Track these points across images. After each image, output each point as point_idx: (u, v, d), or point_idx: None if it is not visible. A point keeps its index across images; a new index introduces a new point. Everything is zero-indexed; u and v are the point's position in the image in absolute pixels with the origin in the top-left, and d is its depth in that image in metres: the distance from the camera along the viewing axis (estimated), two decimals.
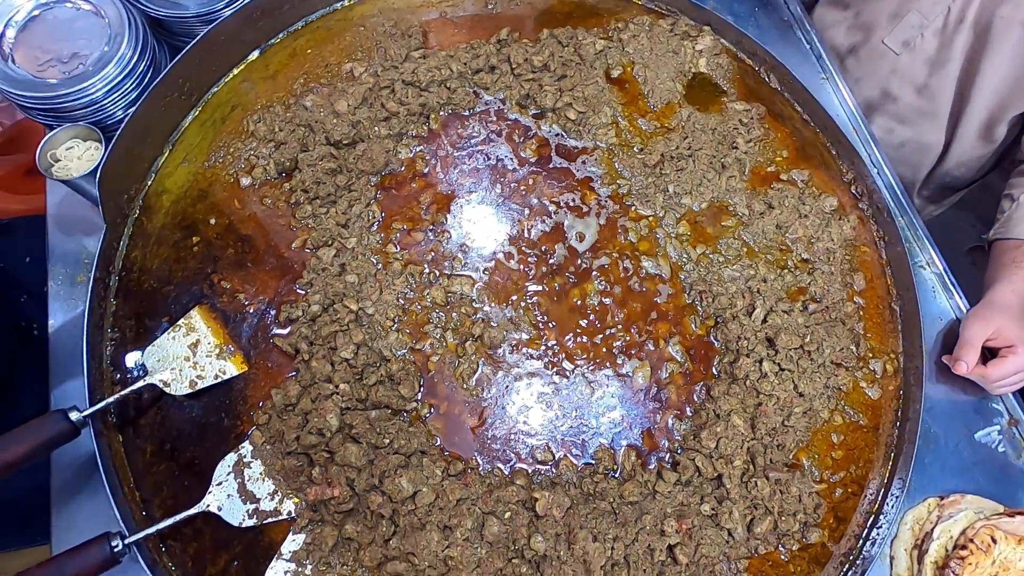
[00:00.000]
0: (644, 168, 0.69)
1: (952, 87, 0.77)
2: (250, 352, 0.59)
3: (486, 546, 0.53)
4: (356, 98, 0.68)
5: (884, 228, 0.70)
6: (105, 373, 0.57)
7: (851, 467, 0.61)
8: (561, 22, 0.76)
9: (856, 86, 0.82)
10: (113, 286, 0.61)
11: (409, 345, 0.60)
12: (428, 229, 0.65)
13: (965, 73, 0.76)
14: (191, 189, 0.66)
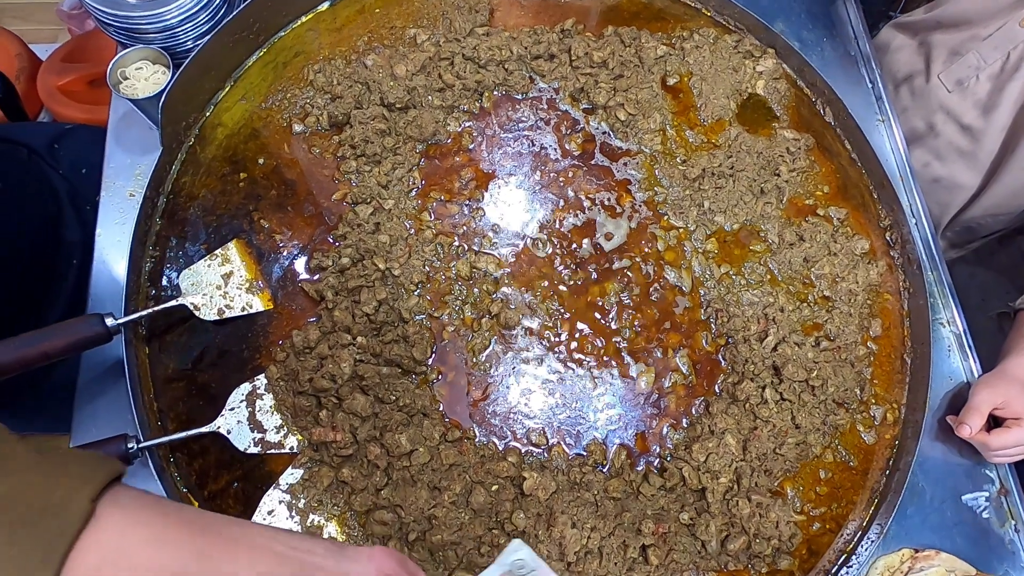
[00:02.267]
0: (684, 180, 0.70)
1: (999, 134, 0.76)
2: (278, 292, 0.62)
3: (470, 512, 0.55)
4: (415, 64, 0.70)
5: (911, 279, 0.70)
6: (142, 287, 0.61)
7: (833, 504, 0.62)
8: (627, 21, 0.77)
9: (903, 115, 0.82)
10: (160, 206, 0.64)
11: (428, 311, 0.62)
12: (464, 204, 0.67)
13: (1015, 123, 0.75)
14: (245, 127, 0.68)
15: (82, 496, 0.32)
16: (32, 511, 0.31)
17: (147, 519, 0.34)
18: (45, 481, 0.32)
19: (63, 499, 0.32)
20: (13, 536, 0.30)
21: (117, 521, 0.33)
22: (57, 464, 0.33)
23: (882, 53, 0.87)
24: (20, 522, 0.30)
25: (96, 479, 0.33)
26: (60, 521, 0.31)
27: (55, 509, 0.31)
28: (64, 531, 0.31)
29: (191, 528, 0.34)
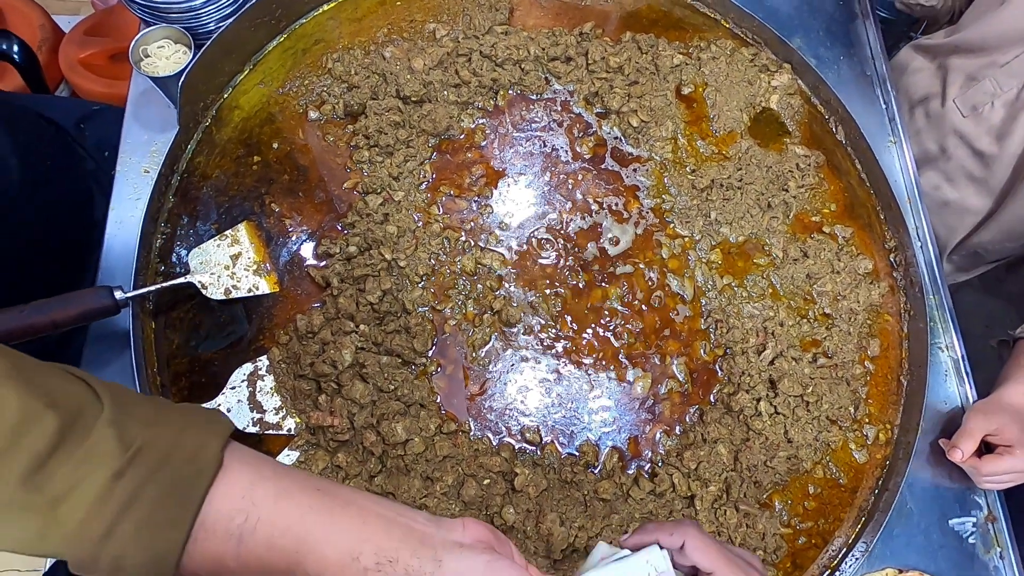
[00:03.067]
0: (692, 189, 0.70)
1: (1011, 161, 0.77)
2: (284, 275, 0.63)
3: (460, 504, 0.56)
4: (433, 59, 0.70)
5: (912, 302, 0.70)
6: (151, 263, 0.61)
7: (820, 520, 0.63)
8: (645, 28, 0.77)
9: (916, 136, 0.82)
10: (174, 184, 0.65)
11: (431, 304, 0.63)
12: (473, 200, 0.67)
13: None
14: (262, 111, 0.69)
15: (212, 446, 0.34)
16: (168, 460, 0.33)
17: (270, 474, 0.36)
18: (176, 433, 0.34)
19: (195, 449, 0.34)
20: (153, 482, 0.32)
21: (245, 474, 0.35)
22: (182, 417, 0.35)
23: (900, 73, 0.87)
24: (158, 469, 0.32)
25: (221, 432, 0.35)
26: (195, 468, 0.33)
27: (189, 458, 0.33)
28: (199, 478, 0.33)
29: (309, 487, 0.36)
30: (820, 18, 0.82)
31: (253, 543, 0.34)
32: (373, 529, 0.36)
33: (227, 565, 0.34)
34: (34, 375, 0.33)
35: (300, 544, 0.35)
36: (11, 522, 0.31)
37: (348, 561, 0.35)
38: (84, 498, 0.31)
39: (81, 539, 0.32)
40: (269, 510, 0.35)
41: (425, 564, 0.35)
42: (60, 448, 0.31)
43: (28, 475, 0.31)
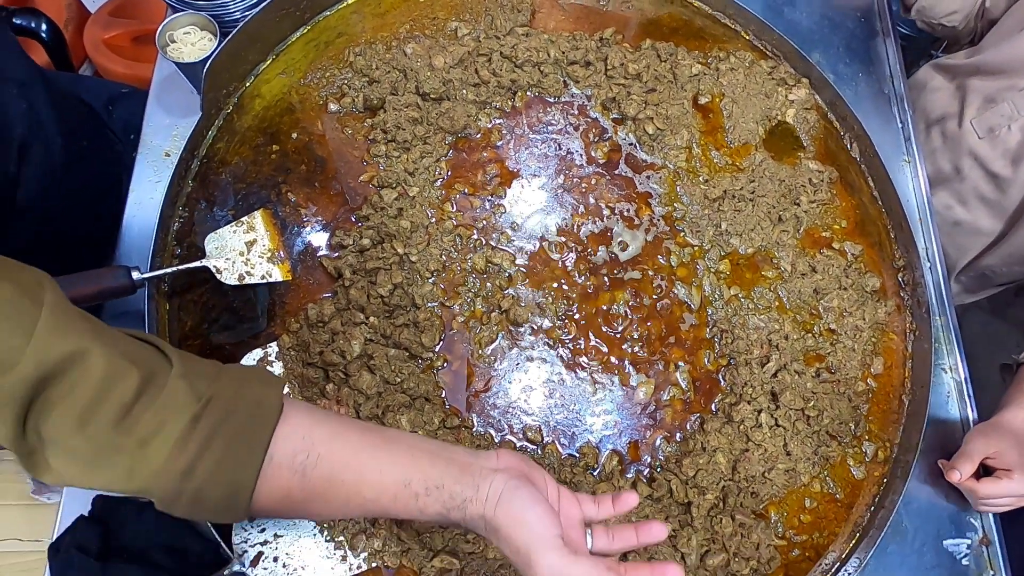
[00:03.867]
0: (704, 199, 0.71)
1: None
2: (297, 264, 0.64)
3: None
4: (454, 57, 0.71)
5: (919, 322, 0.70)
6: (168, 246, 0.62)
7: (815, 533, 0.63)
8: (666, 36, 0.77)
9: (931, 156, 0.82)
10: (194, 169, 0.66)
11: (440, 300, 0.63)
12: (486, 199, 0.68)
13: None
14: (282, 100, 0.70)
15: (272, 396, 0.39)
16: (235, 408, 0.37)
17: (323, 419, 0.41)
18: (237, 386, 0.38)
19: (257, 398, 0.38)
20: (225, 426, 0.37)
21: (303, 418, 0.40)
22: (240, 373, 0.40)
23: (918, 91, 0.87)
24: (228, 416, 0.37)
25: (276, 384, 0.40)
26: (259, 414, 0.38)
27: (253, 406, 0.38)
28: (264, 422, 0.38)
29: (358, 428, 0.41)
30: (840, 34, 0.82)
31: (316, 476, 0.39)
32: (420, 461, 0.40)
33: (294, 497, 0.39)
34: (112, 337, 0.37)
35: (357, 475, 0.39)
36: (105, 463, 0.35)
37: (400, 488, 0.40)
38: (167, 440, 0.35)
39: (166, 475, 0.36)
40: (327, 448, 0.39)
41: (466, 489, 0.40)
42: (142, 398, 0.35)
43: (118, 420, 0.35)
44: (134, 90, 0.84)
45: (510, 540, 0.39)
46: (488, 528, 0.40)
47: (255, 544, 0.53)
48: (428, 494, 0.40)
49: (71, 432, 0.34)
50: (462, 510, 0.40)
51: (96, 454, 0.35)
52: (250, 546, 0.53)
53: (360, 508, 0.41)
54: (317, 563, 0.54)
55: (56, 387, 0.34)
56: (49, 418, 0.34)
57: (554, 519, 0.39)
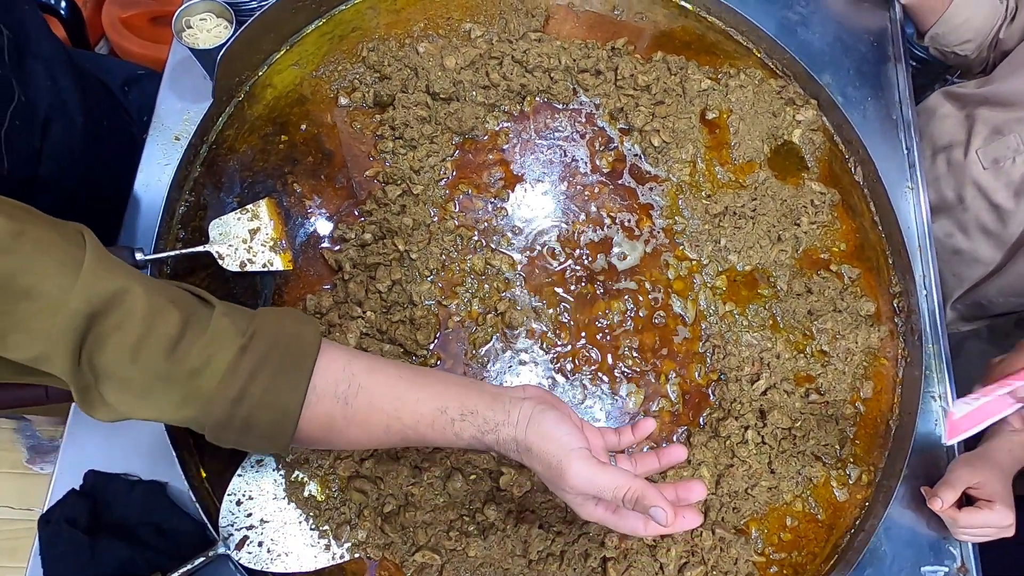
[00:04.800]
0: (705, 214, 0.71)
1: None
2: (299, 255, 0.64)
3: (445, 496, 0.57)
4: (466, 59, 0.71)
5: (911, 349, 0.71)
6: (172, 229, 0.63)
7: (794, 552, 0.64)
8: (678, 50, 0.78)
9: (935, 183, 0.83)
10: (203, 154, 0.66)
11: (438, 299, 0.64)
12: (489, 201, 0.69)
13: None
14: (294, 91, 0.71)
15: (311, 331, 0.41)
16: (277, 341, 0.40)
17: (359, 354, 0.44)
18: (277, 324, 0.41)
19: (297, 334, 0.41)
20: (271, 355, 0.39)
21: (341, 353, 0.42)
22: (278, 314, 0.42)
23: (928, 117, 0.88)
24: (272, 348, 0.39)
25: (313, 322, 0.43)
26: (301, 347, 0.40)
27: (294, 340, 0.40)
28: (306, 354, 0.40)
29: (393, 363, 0.44)
30: (852, 57, 0.82)
31: (357, 404, 0.41)
32: (453, 390, 0.44)
33: (336, 424, 0.41)
34: (151, 280, 0.39)
35: (396, 403, 0.42)
36: (158, 393, 0.38)
37: (437, 414, 0.42)
38: (218, 368, 0.38)
39: (218, 402, 0.38)
40: (366, 378, 0.42)
41: (498, 414, 0.43)
42: (187, 334, 0.38)
43: (168, 352, 0.37)
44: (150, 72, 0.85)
45: (542, 455, 0.41)
46: (520, 448, 0.42)
47: (241, 528, 0.54)
48: (463, 419, 0.42)
49: (125, 364, 0.36)
50: (495, 433, 0.42)
51: (149, 384, 0.37)
52: (236, 530, 0.54)
53: (399, 435, 0.43)
54: (301, 550, 0.55)
55: (106, 322, 0.36)
56: (103, 352, 0.36)
57: (581, 435, 0.42)
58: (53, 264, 0.35)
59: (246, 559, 0.53)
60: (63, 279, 0.35)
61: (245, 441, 0.40)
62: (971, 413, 0.42)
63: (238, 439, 0.40)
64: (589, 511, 0.43)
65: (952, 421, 0.43)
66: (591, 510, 0.43)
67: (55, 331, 0.35)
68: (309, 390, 0.40)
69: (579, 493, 0.42)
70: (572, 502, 0.43)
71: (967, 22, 0.84)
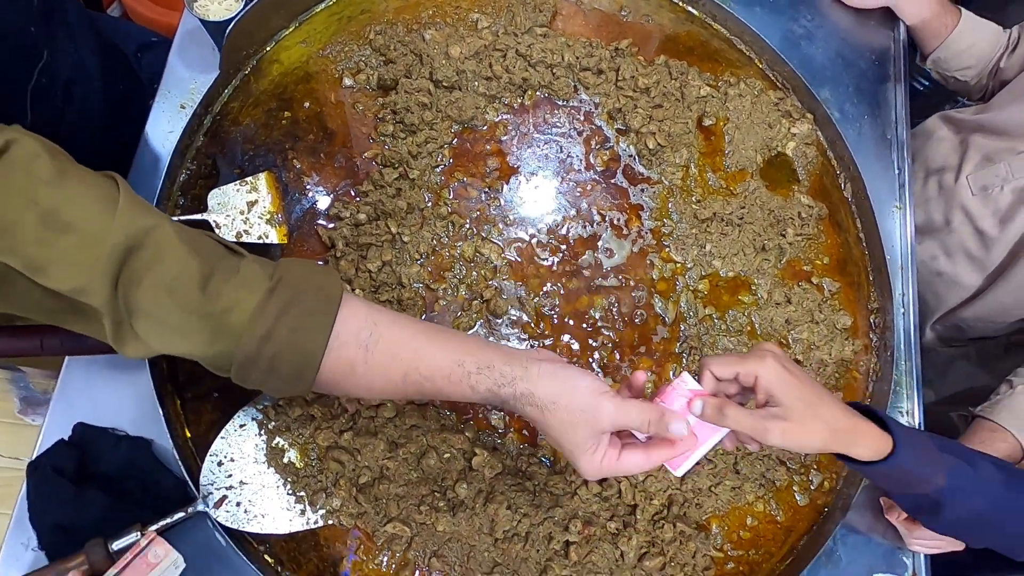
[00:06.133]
0: (693, 219, 0.73)
1: (1008, 245, 0.78)
2: (294, 230, 0.66)
3: (419, 472, 0.60)
4: (470, 49, 0.72)
5: (883, 364, 0.73)
6: (172, 195, 0.65)
7: (751, 550, 0.66)
8: (680, 54, 0.79)
9: (925, 204, 0.84)
10: (206, 124, 0.68)
11: (426, 282, 0.66)
12: (483, 190, 0.70)
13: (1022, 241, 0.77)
14: (300, 69, 0.72)
15: (335, 282, 0.43)
16: (304, 288, 0.41)
17: (382, 308, 0.45)
18: (302, 273, 0.42)
19: (321, 283, 0.42)
20: (297, 299, 0.41)
21: (363, 304, 0.44)
22: (302, 264, 0.43)
23: (924, 139, 0.89)
24: (298, 293, 0.41)
25: (336, 274, 0.44)
26: (325, 294, 0.42)
27: (318, 288, 0.42)
28: (331, 300, 0.42)
29: (412, 319, 0.46)
30: (852, 74, 0.83)
31: (378, 352, 0.42)
32: (470, 345, 0.45)
33: (356, 370, 0.43)
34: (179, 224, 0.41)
35: (415, 354, 0.43)
36: (191, 328, 0.39)
37: (454, 367, 0.44)
38: (247, 307, 0.39)
39: (247, 339, 0.40)
40: (388, 329, 0.43)
41: (515, 369, 0.44)
42: (216, 273, 0.40)
43: (201, 288, 0.39)
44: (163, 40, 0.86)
45: (569, 406, 0.43)
46: (540, 402, 0.43)
47: (221, 488, 0.56)
48: (480, 372, 0.43)
49: (162, 298, 0.38)
50: (512, 387, 0.43)
51: (183, 320, 0.39)
52: (216, 489, 0.56)
53: (415, 386, 0.44)
54: (277, 513, 0.57)
55: (141, 257, 0.38)
56: (140, 287, 0.38)
57: (601, 381, 0.44)
58: (93, 202, 0.37)
59: (224, 517, 0.55)
60: (102, 216, 0.37)
61: (269, 381, 0.41)
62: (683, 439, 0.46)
63: (263, 378, 0.41)
64: (597, 463, 0.44)
65: None
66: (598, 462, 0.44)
67: (95, 264, 0.37)
68: (332, 335, 0.41)
69: (612, 429, 0.43)
70: (584, 454, 0.43)
71: (969, 48, 0.84)
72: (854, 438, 0.47)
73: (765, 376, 0.45)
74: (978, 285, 0.83)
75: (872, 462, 0.48)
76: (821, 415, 0.45)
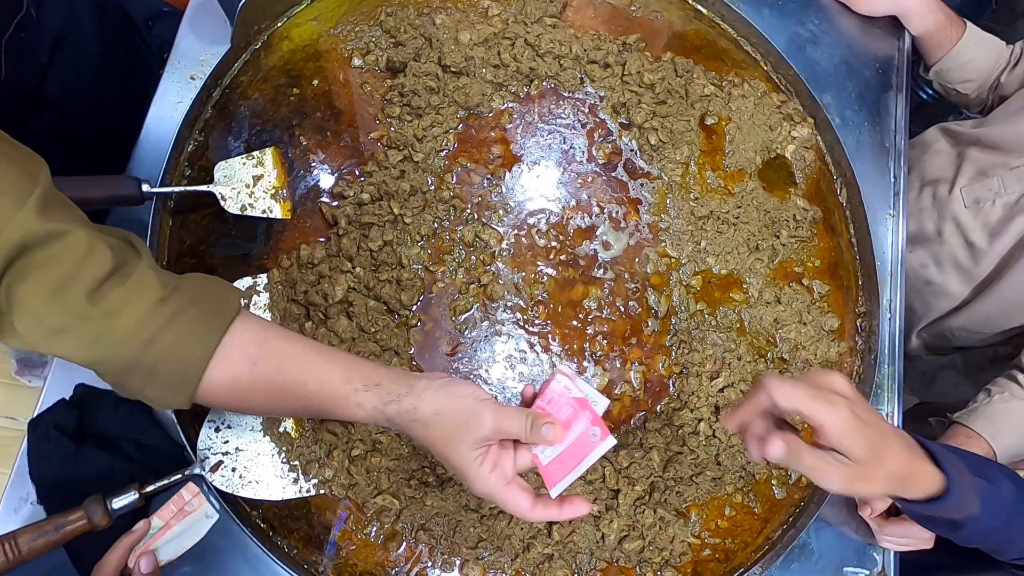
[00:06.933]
0: (690, 215, 0.74)
1: (995, 259, 0.80)
2: (298, 206, 0.67)
3: (410, 447, 0.61)
4: (480, 35, 0.73)
5: (865, 367, 0.75)
6: (179, 166, 0.66)
7: (727, 539, 0.69)
8: (687, 52, 0.80)
9: (918, 214, 0.85)
10: (215, 97, 0.68)
11: (425, 264, 0.67)
12: (486, 176, 0.71)
13: (1010, 253, 0.79)
14: (310, 46, 0.72)
15: (234, 295, 0.44)
16: (200, 298, 0.42)
17: (277, 325, 0.47)
18: (201, 284, 0.44)
19: (220, 295, 0.44)
20: (189, 309, 0.41)
21: (258, 321, 0.45)
22: (204, 277, 0.45)
23: (922, 150, 0.90)
24: (192, 303, 0.42)
25: (237, 290, 0.46)
26: (222, 306, 0.43)
27: (215, 300, 0.43)
28: (225, 312, 0.43)
29: (307, 339, 0.47)
30: (855, 81, 0.84)
31: (264, 365, 0.43)
32: (361, 364, 0.45)
33: (240, 383, 0.42)
34: (92, 226, 0.41)
35: (303, 368, 0.44)
36: (72, 331, 0.39)
37: (342, 383, 0.44)
38: (135, 313, 0.39)
39: (128, 345, 0.39)
40: (279, 344, 0.44)
41: (401, 387, 0.44)
42: (114, 277, 0.39)
43: (91, 292, 0.38)
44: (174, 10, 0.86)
45: (451, 416, 0.43)
46: (425, 416, 0.43)
47: (217, 453, 0.58)
48: (367, 389, 0.43)
49: (44, 299, 0.37)
50: (397, 403, 0.43)
51: (64, 322, 0.38)
52: (212, 454, 0.58)
53: (302, 402, 0.44)
54: (271, 480, 0.59)
55: (36, 256, 0.37)
56: (24, 283, 0.37)
57: (483, 390, 0.45)
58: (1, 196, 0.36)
59: (219, 482, 0.57)
60: (5, 208, 0.36)
61: (147, 389, 0.41)
62: (559, 458, 0.45)
63: (140, 387, 0.41)
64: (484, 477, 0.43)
65: (543, 469, 0.45)
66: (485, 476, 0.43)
67: None
68: (220, 346, 0.41)
69: (490, 439, 0.43)
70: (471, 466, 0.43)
71: (971, 62, 0.86)
72: (912, 483, 0.45)
73: (834, 426, 0.41)
74: (965, 296, 0.85)
75: (919, 500, 0.45)
76: (886, 463, 0.43)
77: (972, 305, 0.85)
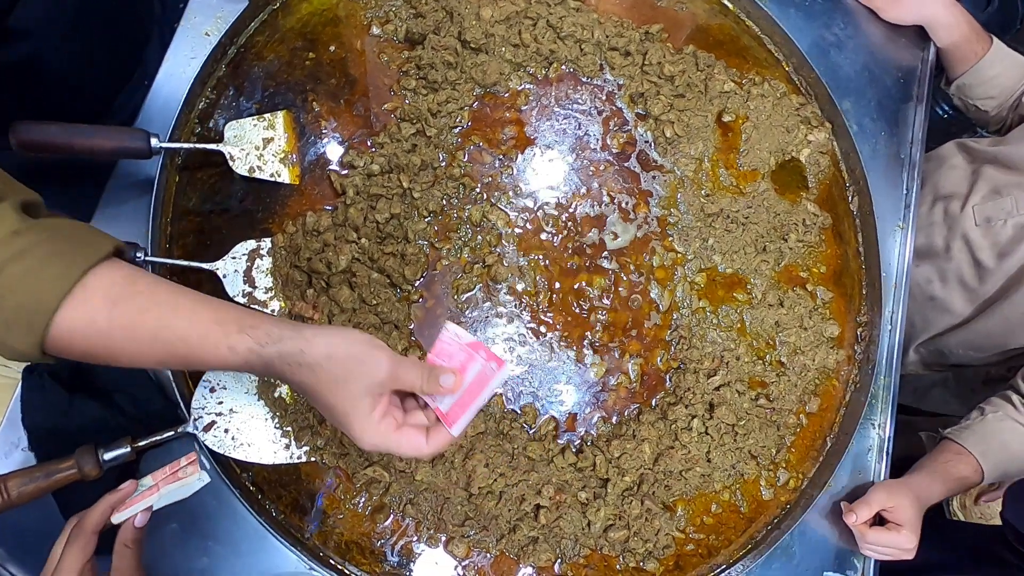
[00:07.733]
0: (700, 212, 0.74)
1: (1001, 279, 0.80)
2: (306, 172, 0.66)
3: None
4: (501, 13, 0.72)
5: (863, 377, 0.75)
6: (190, 122, 0.65)
7: (712, 535, 0.69)
8: (710, 47, 0.79)
9: (928, 228, 0.85)
10: (230, 55, 0.67)
11: (431, 240, 0.67)
12: (498, 157, 0.71)
13: (1017, 274, 0.79)
14: (329, 11, 0.71)
15: (107, 241, 0.40)
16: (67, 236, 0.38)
17: (146, 272, 0.42)
18: (74, 227, 0.40)
19: (89, 240, 0.39)
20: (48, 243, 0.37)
21: (132, 268, 0.40)
22: (78, 224, 0.41)
23: (937, 164, 0.90)
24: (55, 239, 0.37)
25: (113, 240, 0.41)
26: (90, 247, 0.38)
27: (84, 242, 0.39)
28: (92, 253, 0.38)
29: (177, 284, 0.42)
30: (876, 89, 0.84)
31: (127, 306, 0.38)
32: (234, 309, 0.41)
33: (98, 325, 0.38)
34: None
35: (170, 309, 0.39)
36: None
37: (213, 325, 0.39)
38: None
39: None
40: (147, 287, 0.39)
41: (284, 330, 0.40)
42: None
43: None
44: None
45: (344, 359, 0.39)
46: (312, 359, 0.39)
47: (211, 414, 0.58)
48: (241, 332, 0.39)
49: None
50: (278, 345, 0.39)
51: None
52: (206, 414, 0.58)
53: (167, 348, 0.39)
54: (263, 444, 0.59)
55: None
56: None
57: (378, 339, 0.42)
58: None
59: (211, 441, 0.57)
60: None
61: None
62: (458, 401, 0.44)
63: None
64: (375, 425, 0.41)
65: (444, 415, 0.45)
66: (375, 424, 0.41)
67: None
68: (79, 286, 0.36)
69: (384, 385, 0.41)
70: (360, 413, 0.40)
71: (995, 78, 0.85)
72: None
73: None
74: (967, 314, 0.85)
75: None
76: None
77: (973, 324, 0.85)
